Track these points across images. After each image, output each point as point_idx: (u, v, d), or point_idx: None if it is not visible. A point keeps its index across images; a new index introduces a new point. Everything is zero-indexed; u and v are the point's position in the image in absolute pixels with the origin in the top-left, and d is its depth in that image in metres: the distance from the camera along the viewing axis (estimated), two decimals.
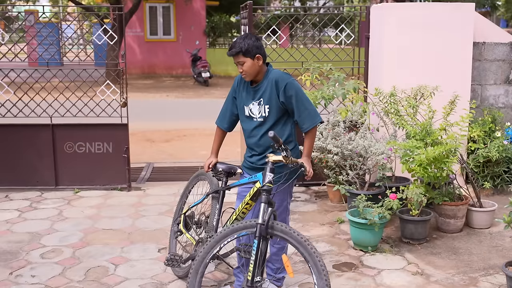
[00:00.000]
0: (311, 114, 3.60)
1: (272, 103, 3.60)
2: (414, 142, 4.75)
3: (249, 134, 3.75)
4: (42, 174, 6.50)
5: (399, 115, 5.09)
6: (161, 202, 6.11)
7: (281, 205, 3.80)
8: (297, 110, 3.58)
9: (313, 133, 3.65)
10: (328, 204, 6.04)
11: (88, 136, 6.49)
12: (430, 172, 4.66)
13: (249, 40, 3.56)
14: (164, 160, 8.44)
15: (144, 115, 12.89)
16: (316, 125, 3.64)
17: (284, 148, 3.29)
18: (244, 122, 3.78)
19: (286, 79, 3.59)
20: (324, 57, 6.56)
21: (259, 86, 3.64)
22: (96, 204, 6.04)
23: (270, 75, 3.62)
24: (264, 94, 3.62)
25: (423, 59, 5.80)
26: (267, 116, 3.63)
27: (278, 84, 3.57)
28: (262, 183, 3.35)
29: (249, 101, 3.69)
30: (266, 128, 3.65)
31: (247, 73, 3.58)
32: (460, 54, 5.86)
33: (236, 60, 3.57)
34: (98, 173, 6.56)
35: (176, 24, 22.98)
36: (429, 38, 5.78)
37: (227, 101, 3.88)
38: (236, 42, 3.57)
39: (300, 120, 3.61)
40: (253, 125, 3.69)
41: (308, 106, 3.60)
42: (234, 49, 3.54)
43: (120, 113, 6.50)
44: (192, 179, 4.52)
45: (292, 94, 3.56)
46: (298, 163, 3.43)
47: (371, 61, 6.38)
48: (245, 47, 3.52)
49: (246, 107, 3.70)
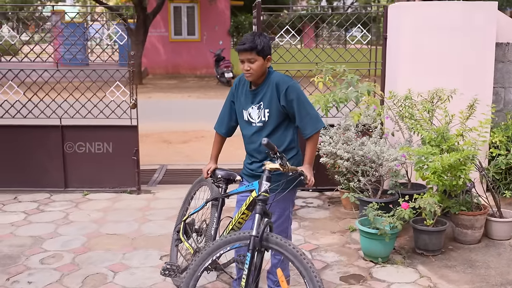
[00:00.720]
0: (313, 119, 3.41)
1: (273, 107, 3.42)
2: (429, 148, 4.51)
3: (249, 140, 3.57)
4: (51, 176, 6.42)
5: (414, 119, 4.84)
6: (169, 206, 5.97)
7: (283, 214, 3.61)
8: (299, 115, 3.40)
9: (315, 140, 3.45)
10: (341, 210, 5.82)
11: (97, 138, 6.39)
12: (445, 180, 4.40)
13: (265, 39, 3.39)
14: (180, 161, 8.32)
15: (163, 115, 12.85)
16: (318, 130, 3.44)
17: (280, 156, 3.10)
18: (243, 128, 3.60)
19: (288, 82, 3.40)
20: (339, 58, 6.33)
21: (259, 89, 3.46)
22: (104, 207, 5.93)
23: (271, 77, 3.44)
24: (264, 97, 3.44)
25: (442, 61, 5.53)
26: (267, 120, 3.45)
27: (279, 87, 3.39)
28: (257, 192, 3.16)
29: (248, 105, 3.51)
30: (266, 133, 3.46)
31: (254, 73, 3.39)
32: (481, 55, 5.57)
33: (246, 57, 3.36)
34: (108, 175, 6.46)
35: (200, 24, 22.93)
36: (448, 38, 5.51)
37: (225, 106, 3.71)
38: (249, 37, 3.37)
39: (301, 125, 3.42)
40: (252, 130, 3.51)
41: (310, 111, 3.42)
42: (248, 44, 3.33)
43: (130, 115, 6.38)
44: (195, 184, 4.36)
45: (293, 98, 3.37)
46: (297, 171, 3.23)
47: (388, 62, 6.13)
48: (261, 45, 3.34)
49: (245, 112, 3.52)
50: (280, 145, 3.47)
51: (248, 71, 3.39)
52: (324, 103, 4.95)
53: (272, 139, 3.45)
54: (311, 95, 5.38)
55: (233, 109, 3.64)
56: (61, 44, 6.42)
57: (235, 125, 3.70)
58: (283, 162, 3.09)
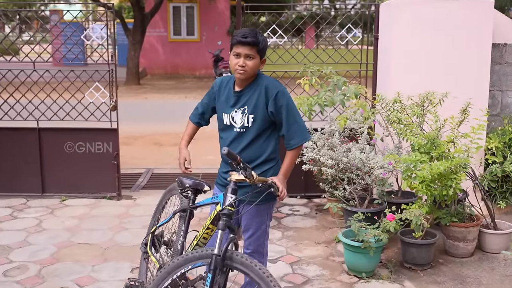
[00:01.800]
0: (301, 130, 3.16)
1: (258, 113, 3.15)
2: (417, 156, 4.22)
3: (226, 146, 3.29)
4: (28, 181, 6.16)
5: (403, 124, 4.56)
6: (148, 213, 5.67)
7: (259, 228, 3.33)
8: (286, 123, 3.13)
9: (298, 152, 3.20)
10: (328, 219, 5.53)
11: (76, 141, 6.12)
12: (434, 190, 4.12)
13: (265, 39, 3.15)
14: (168, 165, 8.05)
15: (158, 117, 12.62)
16: (304, 143, 3.19)
17: (243, 167, 2.82)
18: (222, 131, 3.32)
19: (278, 87, 3.13)
20: (329, 59, 6.05)
21: (244, 91, 3.18)
22: (80, 214, 5.66)
23: (260, 80, 3.17)
24: (249, 101, 3.16)
25: (435, 62, 5.23)
26: (249, 126, 3.17)
27: (268, 91, 3.12)
28: (222, 205, 2.88)
29: (230, 108, 3.23)
30: (247, 141, 3.19)
31: (248, 71, 3.10)
32: (476, 57, 5.27)
33: (245, 51, 3.07)
34: (87, 180, 6.19)
35: (199, 24, 22.69)
36: (441, 38, 5.21)
37: (202, 101, 3.45)
38: (251, 31, 3.09)
39: (288, 135, 3.15)
40: (232, 135, 3.23)
41: (298, 120, 3.16)
42: (251, 39, 3.05)
43: (110, 117, 6.11)
44: (166, 193, 4.08)
45: (282, 104, 3.11)
46: (267, 182, 2.95)
47: (379, 63, 5.85)
48: (262, 43, 3.09)
49: (226, 115, 3.24)
50: (261, 154, 3.21)
51: (243, 67, 3.10)
52: (308, 106, 4.67)
53: (253, 148, 3.18)
54: (295, 98, 5.10)
55: (210, 105, 3.39)
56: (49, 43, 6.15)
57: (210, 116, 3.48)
58: (247, 174, 2.81)
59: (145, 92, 17.38)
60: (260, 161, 3.21)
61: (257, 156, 3.20)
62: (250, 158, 3.19)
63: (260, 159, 3.20)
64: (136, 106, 14.47)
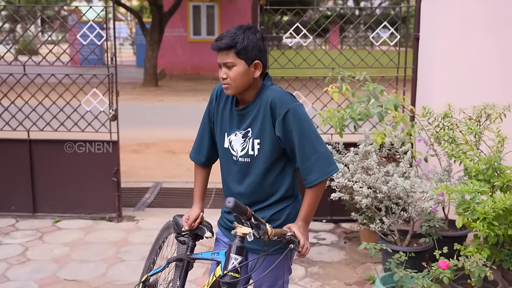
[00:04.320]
0: (321, 161, 2.31)
1: (265, 137, 2.35)
2: (475, 185, 3.37)
3: (228, 178, 2.51)
4: (18, 199, 5.45)
5: (455, 143, 3.71)
6: (150, 240, 4.90)
7: (275, 284, 2.54)
8: (300, 152, 2.31)
9: (321, 189, 2.36)
10: (360, 251, 4.70)
11: (72, 155, 5.38)
12: (498, 230, 3.27)
13: (252, 35, 2.32)
14: (179, 177, 7.33)
15: (173, 121, 11.95)
16: (327, 178, 2.36)
17: (255, 224, 2.03)
18: (223, 158, 2.53)
19: (287, 104, 2.31)
20: (360, 62, 5.23)
21: (248, 109, 2.39)
22: (72, 240, 4.92)
23: (264, 94, 2.36)
24: (254, 122, 2.37)
25: (491, 68, 4.38)
26: (255, 155, 2.38)
27: (274, 109, 2.31)
28: (223, 270, 2.09)
29: (232, 129, 2.44)
30: (255, 175, 2.40)
31: (232, 84, 2.33)
32: None
33: (222, 60, 2.32)
34: (84, 199, 5.46)
35: (220, 24, 21.98)
36: (500, 39, 4.36)
37: (202, 123, 2.63)
38: (230, 31, 2.33)
39: (303, 168, 2.33)
40: (235, 168, 2.45)
41: (318, 147, 2.32)
42: (223, 41, 2.29)
43: (110, 128, 5.36)
44: (163, 230, 3.30)
45: (293, 128, 2.29)
46: (285, 236, 2.15)
47: (420, 68, 5.00)
48: (242, 42, 2.28)
49: (228, 137, 2.46)
50: (273, 193, 2.42)
51: (225, 80, 2.34)
52: (339, 121, 3.85)
53: (262, 184, 2.39)
54: (322, 110, 4.28)
55: (211, 128, 2.60)
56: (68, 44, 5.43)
57: (218, 151, 2.63)
58: (261, 233, 2.02)
59: (162, 94, 16.73)
60: (272, 201, 2.42)
61: (268, 195, 2.42)
62: (259, 198, 2.40)
63: (272, 199, 2.41)
64: (152, 109, 13.84)
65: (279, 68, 5.30)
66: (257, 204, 2.41)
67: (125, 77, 20.00)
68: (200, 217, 2.60)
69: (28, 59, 5.33)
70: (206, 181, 2.69)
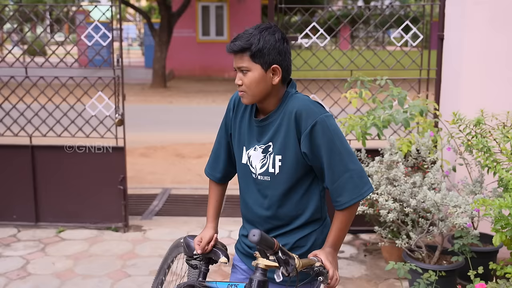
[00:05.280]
0: (354, 180, 2.02)
1: (288, 153, 2.06)
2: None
3: (247, 197, 2.22)
4: (20, 208, 5.20)
5: (489, 152, 3.41)
6: (158, 252, 4.66)
7: None
8: (330, 171, 2.02)
9: (353, 212, 2.07)
10: (382, 265, 4.41)
11: (76, 161, 5.13)
12: None
13: (269, 36, 2.02)
14: (188, 183, 7.08)
15: (182, 123, 11.73)
16: (361, 200, 2.06)
17: (284, 259, 1.74)
18: (241, 174, 2.25)
19: (315, 115, 2.01)
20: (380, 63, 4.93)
21: (269, 120, 2.09)
22: (76, 253, 4.66)
23: (288, 104, 2.06)
24: (276, 136, 2.07)
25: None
26: (276, 174, 2.08)
27: (299, 121, 2.01)
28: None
29: (252, 142, 2.15)
30: (276, 196, 2.11)
31: (247, 92, 2.05)
32: None
33: (237, 64, 2.04)
34: (89, 208, 5.19)
35: (229, 25, 21.73)
36: None
37: (219, 136, 2.35)
38: (246, 32, 2.04)
39: (333, 188, 2.03)
40: (254, 186, 2.16)
41: (350, 165, 2.02)
42: (237, 42, 2.01)
43: (116, 134, 5.10)
44: (172, 249, 3.03)
45: (322, 143, 2.00)
46: (313, 267, 1.87)
47: (445, 70, 4.70)
48: (258, 44, 2.00)
49: (246, 151, 2.17)
50: (297, 216, 2.13)
51: (240, 87, 2.06)
52: (362, 129, 3.56)
53: (284, 207, 2.10)
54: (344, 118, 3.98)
55: (228, 141, 2.31)
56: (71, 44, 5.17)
57: (235, 166, 2.33)
58: (290, 269, 1.73)
59: (171, 95, 16.50)
60: (297, 226, 2.13)
61: (291, 218, 2.12)
62: (281, 222, 2.12)
63: (296, 223, 2.12)
64: (160, 110, 13.61)
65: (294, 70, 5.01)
66: (279, 228, 2.13)
67: (134, 78, 19.80)
68: (214, 239, 2.32)
69: (30, 61, 5.06)
70: (222, 199, 2.42)
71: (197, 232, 5.03)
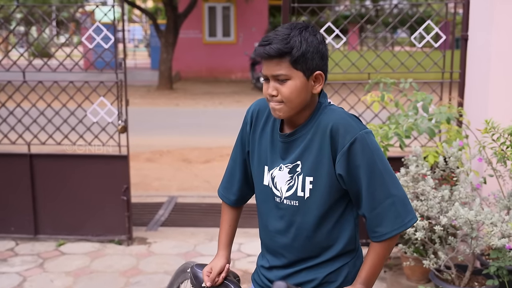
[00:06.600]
0: (396, 208, 1.72)
1: (321, 174, 1.76)
2: None
3: (268, 223, 1.92)
4: (18, 219, 4.92)
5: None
6: (164, 268, 4.37)
7: None
8: (370, 196, 1.72)
9: (391, 245, 1.78)
10: (403, 282, 4.10)
11: (77, 171, 4.85)
12: None
13: (312, 37, 1.72)
14: (195, 190, 6.80)
15: (188, 127, 11.46)
16: (403, 231, 1.76)
17: None
18: (261, 198, 1.94)
19: (353, 131, 1.71)
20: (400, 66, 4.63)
21: (298, 135, 1.79)
22: (77, 269, 4.38)
23: (321, 117, 1.76)
24: (306, 154, 1.77)
25: None
26: (306, 198, 1.78)
27: (336, 138, 1.72)
28: None
29: (276, 161, 1.85)
30: (306, 224, 1.81)
31: (287, 104, 1.73)
32: None
33: (271, 71, 1.71)
34: (90, 220, 4.91)
35: (236, 25, 21.48)
36: None
37: (234, 153, 2.06)
38: (281, 32, 1.71)
39: (372, 217, 1.74)
40: (277, 212, 1.86)
41: (393, 190, 1.73)
42: (274, 45, 1.68)
43: (119, 141, 4.82)
44: (178, 273, 2.73)
45: (361, 164, 1.70)
46: None
47: (469, 73, 4.39)
48: (300, 47, 1.69)
49: (269, 172, 1.87)
50: (329, 246, 1.84)
51: (275, 98, 1.74)
52: (382, 139, 3.26)
53: (316, 236, 1.81)
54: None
55: (245, 159, 2.02)
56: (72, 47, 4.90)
57: (253, 187, 2.04)
58: None
59: (177, 97, 16.25)
60: (327, 258, 1.83)
61: (321, 249, 1.83)
62: (310, 254, 1.83)
63: (327, 255, 1.83)
64: (167, 113, 13.36)
65: None
66: (307, 261, 1.84)
67: (140, 80, 19.56)
68: (226, 270, 2.03)
69: (28, 65, 4.79)
70: (236, 224, 2.13)
71: (204, 245, 4.77)
